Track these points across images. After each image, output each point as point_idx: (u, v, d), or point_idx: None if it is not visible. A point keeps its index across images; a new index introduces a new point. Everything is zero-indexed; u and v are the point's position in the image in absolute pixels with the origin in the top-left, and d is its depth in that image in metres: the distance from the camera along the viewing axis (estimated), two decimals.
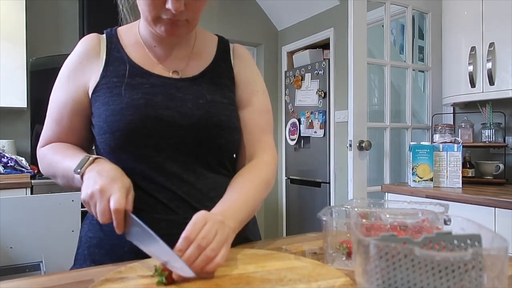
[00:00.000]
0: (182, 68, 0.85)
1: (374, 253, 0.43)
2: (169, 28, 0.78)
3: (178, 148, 0.79)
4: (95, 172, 0.69)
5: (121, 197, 0.65)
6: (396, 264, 0.42)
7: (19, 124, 2.85)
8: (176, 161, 0.79)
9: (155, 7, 0.75)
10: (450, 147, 1.95)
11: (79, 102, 0.82)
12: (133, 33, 0.87)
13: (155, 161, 0.78)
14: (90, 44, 0.84)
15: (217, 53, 0.91)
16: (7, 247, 1.62)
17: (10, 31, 2.52)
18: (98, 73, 0.81)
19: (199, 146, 0.80)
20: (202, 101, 0.82)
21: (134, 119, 0.76)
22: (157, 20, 0.77)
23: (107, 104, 0.78)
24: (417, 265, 0.41)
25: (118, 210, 0.64)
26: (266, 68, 4.05)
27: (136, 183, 0.76)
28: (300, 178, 3.74)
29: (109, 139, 0.77)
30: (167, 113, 0.78)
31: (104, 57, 0.83)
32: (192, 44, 0.89)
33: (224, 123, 0.83)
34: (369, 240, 0.44)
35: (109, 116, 0.77)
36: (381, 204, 0.81)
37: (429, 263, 0.41)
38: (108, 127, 0.77)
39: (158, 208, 0.77)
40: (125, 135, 0.76)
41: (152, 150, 0.78)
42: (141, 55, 0.84)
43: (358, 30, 2.17)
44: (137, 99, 0.78)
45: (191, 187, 0.79)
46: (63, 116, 0.83)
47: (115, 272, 0.62)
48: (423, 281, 0.41)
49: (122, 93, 0.78)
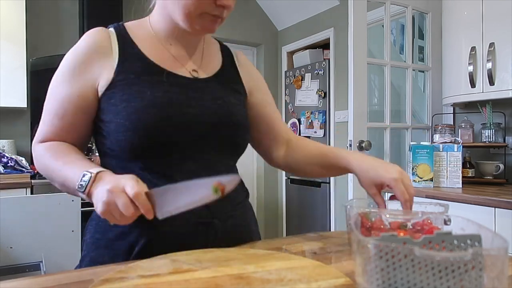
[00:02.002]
0: (197, 68, 0.87)
1: (374, 253, 0.43)
2: (209, 24, 0.79)
3: (199, 146, 0.80)
4: (100, 187, 0.67)
5: (136, 183, 0.64)
6: (396, 264, 0.42)
7: (19, 124, 2.85)
8: (196, 160, 0.80)
9: (204, 3, 0.75)
10: (450, 147, 1.95)
11: (85, 98, 0.79)
12: (145, 29, 0.85)
13: (174, 159, 0.78)
14: (99, 39, 0.80)
15: (223, 58, 0.94)
16: (7, 247, 1.62)
17: (10, 31, 2.52)
18: (111, 69, 0.78)
19: (219, 144, 0.82)
20: (220, 102, 0.84)
21: (157, 117, 0.75)
22: (201, 15, 0.77)
23: (127, 101, 0.76)
24: (417, 265, 0.41)
25: (138, 194, 0.63)
26: (266, 68, 4.05)
27: (153, 180, 0.75)
28: (300, 178, 3.74)
29: (131, 137, 0.75)
30: (189, 111, 0.79)
31: (117, 52, 0.80)
32: (202, 45, 0.90)
33: (241, 123, 0.87)
34: (369, 240, 0.44)
35: (132, 114, 0.75)
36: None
37: (429, 263, 0.41)
38: (131, 125, 0.75)
39: None
40: (150, 133, 0.75)
41: (173, 148, 0.78)
42: (156, 52, 0.83)
43: (358, 30, 2.17)
44: (159, 96, 0.77)
45: None
46: (67, 112, 0.79)
47: (115, 272, 0.62)
48: (423, 281, 0.41)
49: (143, 91, 0.77)
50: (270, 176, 4.03)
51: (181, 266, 0.64)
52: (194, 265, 0.65)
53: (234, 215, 0.84)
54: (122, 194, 0.63)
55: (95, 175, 0.69)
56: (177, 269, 0.63)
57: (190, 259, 0.68)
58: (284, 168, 1.01)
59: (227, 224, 0.82)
